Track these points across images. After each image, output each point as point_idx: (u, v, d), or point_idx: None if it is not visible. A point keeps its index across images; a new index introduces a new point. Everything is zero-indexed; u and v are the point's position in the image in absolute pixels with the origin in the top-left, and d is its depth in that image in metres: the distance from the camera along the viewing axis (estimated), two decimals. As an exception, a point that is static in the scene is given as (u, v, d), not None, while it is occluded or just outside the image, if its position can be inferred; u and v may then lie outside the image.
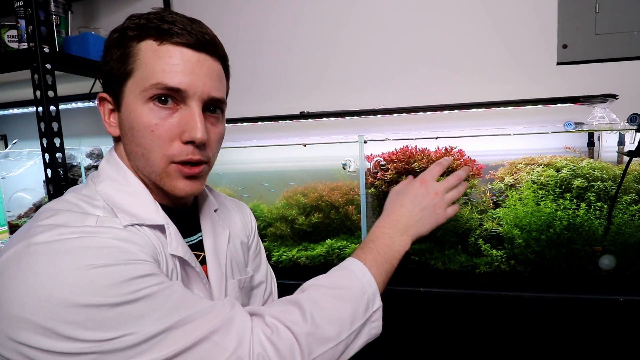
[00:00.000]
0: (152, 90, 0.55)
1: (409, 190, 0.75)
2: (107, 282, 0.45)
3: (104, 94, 0.61)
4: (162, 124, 0.56)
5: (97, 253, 0.47)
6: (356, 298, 0.59)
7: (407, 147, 1.45)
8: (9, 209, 1.79)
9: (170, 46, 0.56)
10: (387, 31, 1.60)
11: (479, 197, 1.39)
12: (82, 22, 1.91)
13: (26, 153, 1.78)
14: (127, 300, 0.46)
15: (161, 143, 0.57)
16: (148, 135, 0.56)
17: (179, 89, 0.56)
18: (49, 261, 0.45)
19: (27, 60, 1.23)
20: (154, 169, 0.59)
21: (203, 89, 0.58)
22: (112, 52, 0.58)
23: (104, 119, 0.62)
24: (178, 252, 0.59)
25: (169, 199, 0.65)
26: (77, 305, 0.44)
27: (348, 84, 1.66)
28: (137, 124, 0.57)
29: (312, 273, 1.44)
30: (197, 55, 0.58)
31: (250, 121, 1.61)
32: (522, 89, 1.46)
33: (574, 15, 1.39)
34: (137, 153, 0.59)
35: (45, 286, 0.44)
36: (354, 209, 1.51)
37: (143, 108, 0.56)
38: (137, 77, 0.56)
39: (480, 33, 1.50)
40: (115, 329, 0.44)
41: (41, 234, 0.48)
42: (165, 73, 0.55)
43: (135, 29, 0.57)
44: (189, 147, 0.58)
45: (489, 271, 1.23)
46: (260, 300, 0.80)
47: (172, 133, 0.57)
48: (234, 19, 1.75)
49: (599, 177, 1.21)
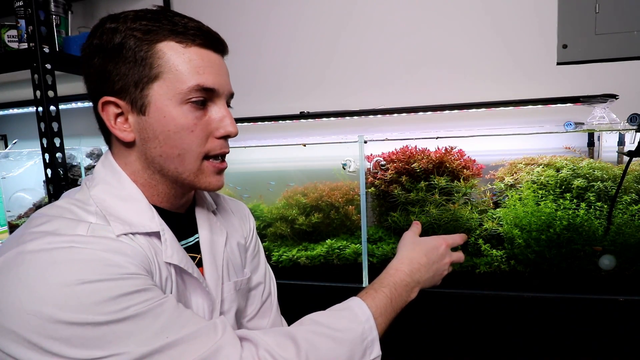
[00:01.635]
0: (190, 93, 0.58)
1: (433, 244, 0.78)
2: (94, 300, 0.45)
3: (110, 97, 0.58)
4: (199, 123, 0.60)
5: (86, 267, 0.47)
6: (355, 344, 0.58)
7: (407, 147, 1.45)
8: (9, 209, 1.79)
9: (196, 48, 0.59)
10: (387, 31, 1.60)
11: (479, 197, 1.39)
12: (82, 22, 1.91)
13: (26, 153, 1.78)
14: (114, 319, 0.45)
15: (199, 142, 0.60)
16: (188, 135, 0.59)
17: (214, 89, 0.60)
18: (38, 274, 0.45)
19: (27, 60, 1.23)
20: (190, 167, 0.61)
21: (227, 87, 0.63)
22: (118, 55, 0.56)
23: (110, 124, 0.59)
24: (173, 260, 0.59)
25: (169, 202, 0.65)
26: (63, 322, 0.43)
27: (348, 84, 1.66)
28: (175, 125, 0.58)
29: (312, 273, 1.44)
30: (217, 56, 0.62)
31: (250, 121, 1.61)
32: (522, 89, 1.46)
33: (574, 15, 1.39)
34: (170, 154, 0.59)
35: (32, 300, 0.44)
36: (354, 209, 1.51)
37: (180, 110, 0.58)
38: (167, 79, 0.57)
39: (480, 33, 1.50)
40: (100, 348, 0.44)
41: (31, 242, 0.48)
42: (200, 76, 0.58)
43: (147, 31, 0.56)
44: (222, 142, 0.63)
45: (489, 271, 1.23)
46: (258, 301, 0.80)
47: (208, 131, 0.61)
48: (234, 19, 1.75)
49: (599, 177, 1.21)
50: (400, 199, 1.37)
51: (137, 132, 0.59)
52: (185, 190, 0.66)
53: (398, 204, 1.39)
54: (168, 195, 0.64)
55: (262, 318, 0.80)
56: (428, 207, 1.34)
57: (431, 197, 1.34)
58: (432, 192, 1.34)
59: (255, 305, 0.79)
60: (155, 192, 0.63)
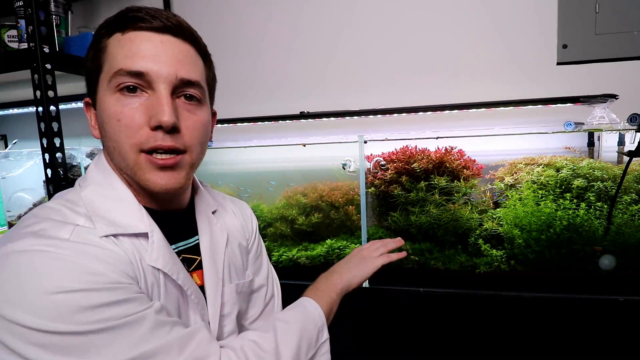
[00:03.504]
0: (117, 79, 0.54)
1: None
2: (72, 309, 0.44)
3: (87, 98, 0.60)
4: (128, 112, 0.54)
5: (65, 275, 0.46)
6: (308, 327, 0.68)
7: (407, 147, 1.45)
8: (9, 209, 1.79)
9: (132, 32, 0.55)
10: (387, 31, 1.60)
11: (479, 197, 1.39)
12: (82, 22, 1.91)
13: (26, 153, 1.78)
14: (91, 329, 0.45)
15: (129, 132, 0.54)
16: (115, 125, 0.54)
17: (142, 72, 0.54)
18: (17, 281, 0.44)
19: (27, 60, 1.23)
20: (127, 162, 0.56)
21: (169, 71, 0.55)
22: (88, 54, 0.59)
23: (90, 123, 0.61)
24: (157, 264, 0.56)
25: (156, 202, 0.62)
26: (41, 330, 0.43)
27: (348, 84, 1.66)
28: (106, 115, 0.55)
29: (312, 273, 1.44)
30: (160, 37, 0.56)
31: (250, 121, 1.61)
32: (522, 89, 1.46)
33: (574, 15, 1.39)
34: (110, 148, 0.57)
35: (12, 306, 0.43)
36: (354, 209, 1.51)
37: (111, 99, 0.55)
38: (105, 70, 0.56)
39: (480, 33, 1.50)
40: (77, 356, 0.44)
41: (15, 242, 0.47)
42: (127, 59, 0.54)
43: (105, 26, 0.57)
44: (157, 133, 0.55)
45: (489, 271, 1.23)
46: (261, 304, 0.78)
47: (140, 120, 0.54)
48: (234, 19, 1.75)
49: (599, 177, 1.21)
50: (400, 199, 1.37)
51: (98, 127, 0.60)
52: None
53: (398, 204, 1.39)
54: (150, 195, 0.61)
55: (265, 320, 0.78)
56: (428, 207, 1.34)
57: (431, 197, 1.34)
58: (432, 192, 1.34)
59: (257, 308, 0.77)
60: (140, 191, 0.60)
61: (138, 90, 0.55)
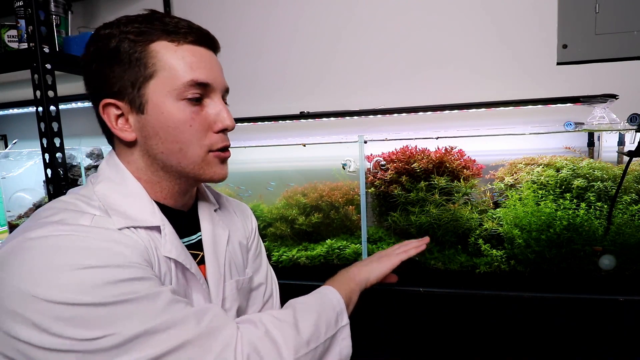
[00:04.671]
0: (185, 89, 0.60)
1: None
2: (95, 283, 0.47)
3: (109, 100, 0.60)
4: (197, 118, 0.62)
5: (88, 254, 0.49)
6: (327, 310, 0.70)
7: (407, 147, 1.45)
8: (9, 209, 1.79)
9: (188, 46, 0.61)
10: (387, 31, 1.60)
11: (479, 197, 1.39)
12: (82, 22, 1.91)
13: (26, 153, 1.78)
14: (113, 301, 0.47)
15: (199, 135, 0.62)
16: (187, 130, 0.61)
17: (208, 84, 0.62)
18: (42, 259, 0.47)
19: (27, 60, 1.23)
20: (194, 160, 0.63)
21: (221, 82, 0.65)
22: (116, 58, 0.58)
23: (111, 125, 0.61)
24: (172, 255, 0.60)
25: (171, 198, 0.66)
26: (65, 302, 0.45)
27: (348, 84, 1.66)
28: (173, 121, 0.60)
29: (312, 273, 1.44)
30: (209, 52, 0.64)
31: (250, 121, 1.61)
32: (522, 89, 1.46)
33: (574, 15, 1.39)
34: (172, 150, 0.61)
35: (37, 283, 0.45)
36: (354, 209, 1.51)
37: (177, 106, 0.60)
38: (162, 77, 0.59)
39: (480, 33, 1.50)
40: (100, 328, 0.46)
41: (37, 229, 0.50)
42: (193, 71, 0.60)
43: (139, 33, 0.59)
44: (222, 135, 0.65)
45: (489, 271, 1.23)
46: (259, 302, 0.80)
47: (206, 125, 0.63)
48: (234, 19, 1.75)
49: (599, 177, 1.21)
50: (400, 199, 1.37)
51: (138, 131, 0.61)
52: (189, 185, 0.68)
53: (398, 204, 1.39)
54: (172, 192, 0.66)
55: None
56: (428, 207, 1.34)
57: (431, 197, 1.34)
58: (432, 192, 1.34)
59: (256, 306, 0.79)
60: (158, 189, 0.64)
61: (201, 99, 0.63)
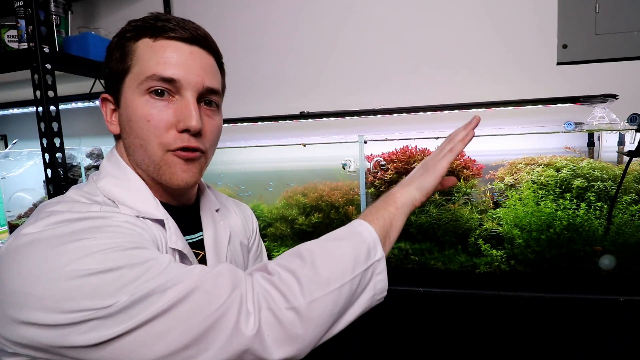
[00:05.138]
0: (148, 83, 0.58)
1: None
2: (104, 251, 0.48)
3: (106, 94, 0.63)
4: (158, 114, 0.59)
5: (103, 233, 0.50)
6: (356, 243, 0.59)
7: (407, 147, 1.45)
8: (9, 209, 1.79)
9: (164, 41, 0.59)
10: (387, 31, 1.60)
11: (479, 197, 1.39)
12: (82, 22, 1.91)
13: (26, 153, 1.78)
14: (123, 264, 0.47)
15: (157, 132, 0.59)
16: (145, 125, 0.59)
17: (173, 79, 0.58)
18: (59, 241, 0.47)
19: (27, 60, 1.23)
20: (153, 159, 0.60)
21: (197, 79, 0.60)
22: (112, 55, 0.62)
23: (106, 118, 0.64)
24: (178, 246, 0.61)
25: (170, 195, 0.66)
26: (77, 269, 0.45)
27: (348, 84, 1.66)
28: (135, 115, 0.59)
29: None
30: (190, 48, 0.61)
31: (250, 121, 1.61)
32: (522, 89, 1.46)
33: (574, 15, 1.39)
34: (135, 145, 0.60)
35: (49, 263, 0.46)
36: (354, 209, 1.51)
37: (140, 100, 0.59)
38: (134, 72, 0.59)
39: (480, 33, 1.50)
40: (112, 296, 0.45)
41: (49, 217, 0.51)
42: (159, 65, 0.58)
43: (132, 30, 0.60)
44: (184, 135, 0.60)
45: (489, 271, 1.23)
46: None
47: (168, 122, 0.59)
48: (234, 19, 1.75)
49: (599, 177, 1.21)
50: (400, 199, 1.37)
51: (119, 124, 0.63)
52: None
53: (398, 204, 1.38)
54: (162, 189, 0.65)
55: None
56: (428, 207, 1.34)
57: (431, 197, 1.34)
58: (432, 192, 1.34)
59: None
60: (152, 185, 0.64)
61: (166, 94, 0.59)
